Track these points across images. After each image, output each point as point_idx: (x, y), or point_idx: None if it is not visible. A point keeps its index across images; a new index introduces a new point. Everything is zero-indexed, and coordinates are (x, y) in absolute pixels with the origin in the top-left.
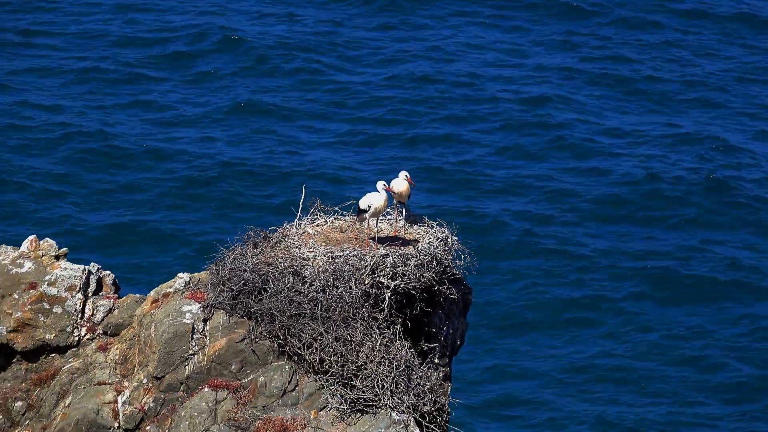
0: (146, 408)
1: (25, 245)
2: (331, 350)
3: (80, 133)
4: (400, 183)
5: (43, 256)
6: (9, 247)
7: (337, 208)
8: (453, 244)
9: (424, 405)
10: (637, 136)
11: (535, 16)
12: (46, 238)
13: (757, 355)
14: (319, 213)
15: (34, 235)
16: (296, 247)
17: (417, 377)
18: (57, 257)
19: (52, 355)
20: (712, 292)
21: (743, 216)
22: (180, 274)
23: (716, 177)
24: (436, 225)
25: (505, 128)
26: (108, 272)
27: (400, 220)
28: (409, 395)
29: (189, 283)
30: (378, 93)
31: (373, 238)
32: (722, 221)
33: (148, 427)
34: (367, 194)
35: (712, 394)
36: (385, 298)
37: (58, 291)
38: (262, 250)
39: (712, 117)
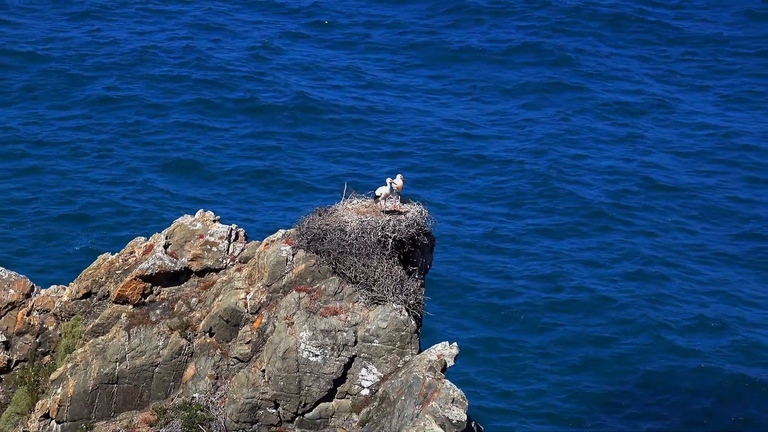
0: (262, 302)
1: (197, 214)
2: (361, 271)
3: None
4: (398, 180)
5: (206, 220)
6: (188, 215)
7: (363, 195)
8: (426, 214)
9: (410, 300)
10: None
11: None
12: (209, 211)
13: None
14: (353, 197)
15: (202, 209)
16: (341, 215)
17: (407, 285)
18: (214, 221)
19: (211, 273)
20: None
21: None
22: (280, 230)
23: None
24: (417, 204)
25: None
26: (242, 229)
27: (397, 201)
28: (402, 294)
29: (284, 235)
30: None
31: (383, 211)
32: None
33: (263, 312)
34: (380, 187)
35: None
36: (389, 243)
37: (214, 239)
38: (323, 217)
39: None
